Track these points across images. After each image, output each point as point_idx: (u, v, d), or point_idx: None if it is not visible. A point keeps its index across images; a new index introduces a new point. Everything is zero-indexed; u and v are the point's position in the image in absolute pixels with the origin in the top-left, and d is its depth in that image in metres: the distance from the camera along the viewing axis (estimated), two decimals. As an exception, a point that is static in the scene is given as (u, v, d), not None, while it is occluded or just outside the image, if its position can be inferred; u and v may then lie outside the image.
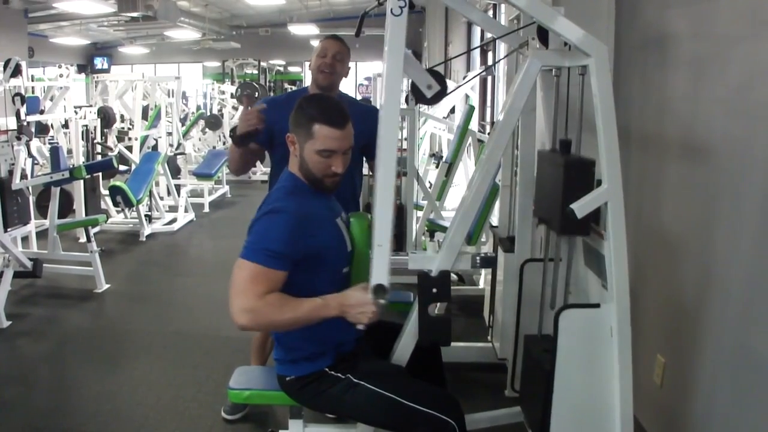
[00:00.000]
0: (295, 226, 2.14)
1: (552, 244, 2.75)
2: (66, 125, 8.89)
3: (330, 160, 2.21)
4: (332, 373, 2.26)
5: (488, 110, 8.87)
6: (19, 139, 5.66)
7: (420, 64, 2.57)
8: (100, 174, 7.53)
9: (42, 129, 9.52)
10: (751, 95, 2.37)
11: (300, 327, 2.15)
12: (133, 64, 22.20)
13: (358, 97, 16.76)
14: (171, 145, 9.86)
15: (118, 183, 7.19)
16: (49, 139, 9.60)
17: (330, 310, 2.12)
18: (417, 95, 2.45)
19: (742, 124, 2.43)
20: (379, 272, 2.15)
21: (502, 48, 5.96)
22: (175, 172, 9.84)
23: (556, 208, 2.39)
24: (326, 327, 2.21)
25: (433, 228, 5.39)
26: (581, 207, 2.20)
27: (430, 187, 6.15)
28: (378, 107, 2.36)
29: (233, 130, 2.97)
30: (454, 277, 5.41)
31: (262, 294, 2.05)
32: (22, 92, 6.14)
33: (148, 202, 7.90)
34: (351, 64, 3.21)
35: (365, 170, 3.41)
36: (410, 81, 2.50)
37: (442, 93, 2.46)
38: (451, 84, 6.34)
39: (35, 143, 7.95)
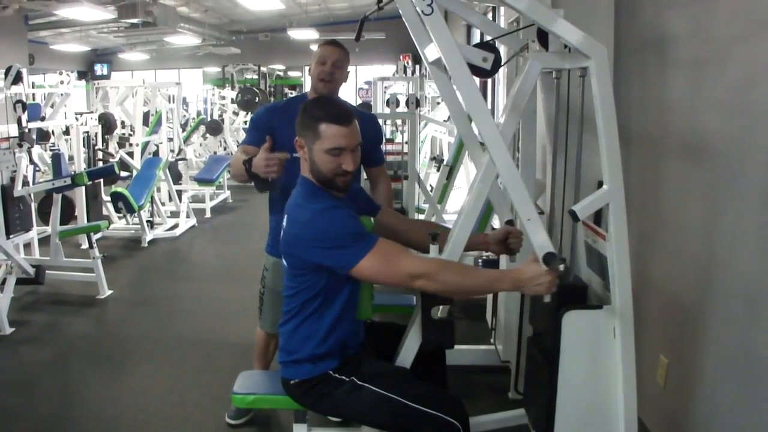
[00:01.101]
0: (350, 214, 2.20)
1: (554, 246, 2.75)
2: (67, 132, 8.90)
3: (339, 158, 2.21)
4: (336, 375, 2.26)
5: (488, 113, 8.85)
6: (20, 146, 5.67)
7: (467, 45, 2.55)
8: (102, 180, 7.53)
9: (43, 136, 9.53)
10: (751, 95, 2.37)
11: (473, 295, 2.16)
12: (133, 70, 22.21)
13: (358, 101, 16.78)
14: (172, 151, 9.87)
15: (119, 189, 7.19)
16: (51, 146, 9.61)
17: (505, 284, 2.17)
18: (478, 72, 2.43)
19: (741, 124, 2.43)
20: (542, 242, 2.15)
21: (501, 50, 5.96)
22: (177, 177, 9.85)
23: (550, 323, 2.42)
24: (330, 330, 2.22)
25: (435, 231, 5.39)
26: (583, 209, 2.20)
27: (431, 190, 6.15)
28: (374, 113, 2.36)
29: (249, 161, 2.81)
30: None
31: (412, 257, 2.12)
32: (23, 99, 6.15)
33: (150, 208, 7.91)
34: (351, 68, 3.21)
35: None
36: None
37: (498, 60, 2.45)
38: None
39: (37, 150, 7.95)
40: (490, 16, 7.53)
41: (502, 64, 2.52)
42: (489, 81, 8.55)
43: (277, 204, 3.03)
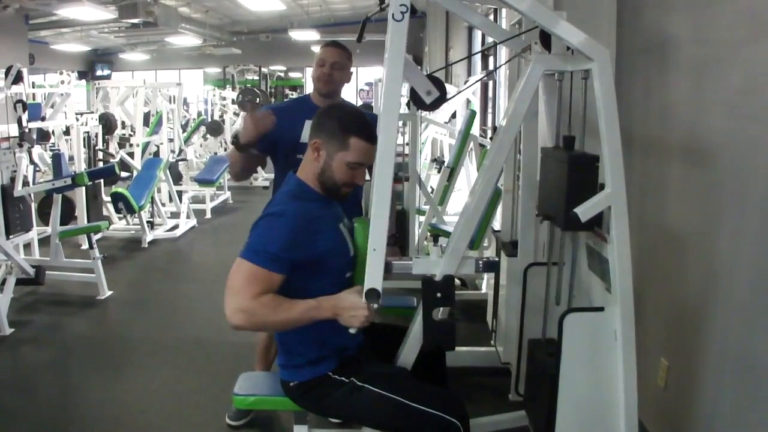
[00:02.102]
0: (297, 229, 2.15)
1: (555, 248, 2.75)
2: (67, 132, 8.89)
3: (356, 171, 2.26)
4: (336, 377, 2.26)
5: (490, 115, 8.87)
6: (20, 146, 5.67)
7: (420, 70, 2.56)
8: (102, 180, 7.54)
9: (43, 136, 9.53)
10: (754, 98, 2.37)
11: (293, 328, 2.17)
12: (134, 70, 22.26)
13: (359, 103, 16.79)
14: (172, 152, 9.87)
15: (120, 189, 7.19)
16: (51, 146, 9.61)
17: (323, 312, 2.14)
18: (416, 101, 2.45)
19: (744, 127, 2.43)
20: (374, 276, 2.16)
21: (503, 52, 5.96)
22: (177, 178, 9.85)
23: (560, 205, 2.39)
24: (329, 331, 2.21)
25: (435, 232, 5.39)
26: (585, 211, 2.20)
27: (432, 192, 6.15)
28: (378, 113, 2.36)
29: (235, 137, 2.96)
30: (457, 281, 5.41)
31: (257, 295, 2.06)
32: (24, 99, 6.15)
33: (150, 209, 7.91)
34: (352, 69, 3.21)
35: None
36: (409, 87, 2.50)
37: (441, 99, 2.46)
38: (452, 89, 6.36)
39: (37, 150, 7.95)
40: (492, 17, 7.53)
41: (502, 64, 2.52)
42: (490, 83, 8.55)
43: None
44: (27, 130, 5.89)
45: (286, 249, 2.12)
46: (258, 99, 13.61)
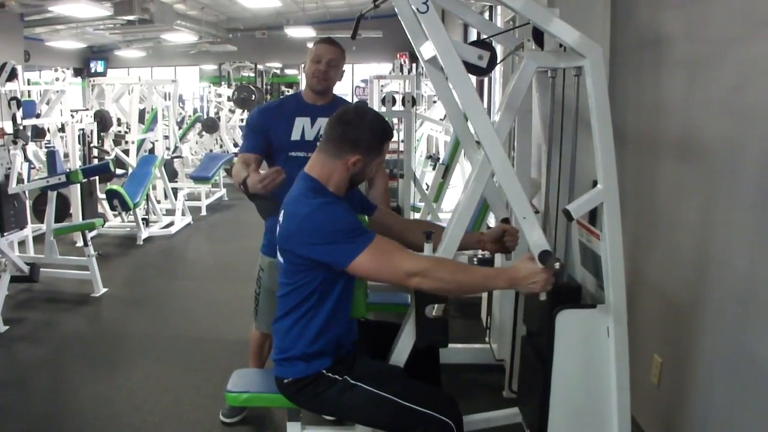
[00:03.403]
0: (344, 208, 2.20)
1: (549, 245, 2.75)
2: (62, 129, 8.88)
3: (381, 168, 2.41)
4: (329, 374, 2.26)
5: (485, 112, 8.86)
6: (15, 143, 5.66)
7: (460, 42, 2.55)
8: (97, 178, 7.52)
9: (38, 133, 9.53)
10: (745, 96, 2.38)
11: (468, 293, 2.17)
12: (129, 67, 22.15)
13: (355, 100, 16.77)
14: (168, 149, 9.86)
15: (115, 187, 7.18)
16: (46, 143, 9.59)
17: (500, 282, 2.18)
18: (474, 70, 2.43)
19: (736, 124, 2.44)
20: (538, 240, 2.15)
21: (497, 49, 5.96)
22: (172, 175, 9.83)
23: (544, 322, 2.42)
24: (324, 328, 2.22)
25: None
26: (577, 208, 2.20)
27: (427, 189, 6.15)
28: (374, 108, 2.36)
29: (245, 183, 2.78)
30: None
31: (408, 254, 2.11)
32: (18, 96, 6.14)
33: (145, 206, 7.89)
34: (347, 66, 3.20)
35: None
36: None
37: (494, 58, 2.45)
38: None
39: (32, 147, 7.96)
40: (486, 15, 7.54)
41: (498, 62, 2.52)
42: (485, 80, 8.55)
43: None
44: (22, 127, 5.88)
45: (356, 218, 2.18)
46: (253, 96, 13.55)
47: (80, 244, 5.74)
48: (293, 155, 3.04)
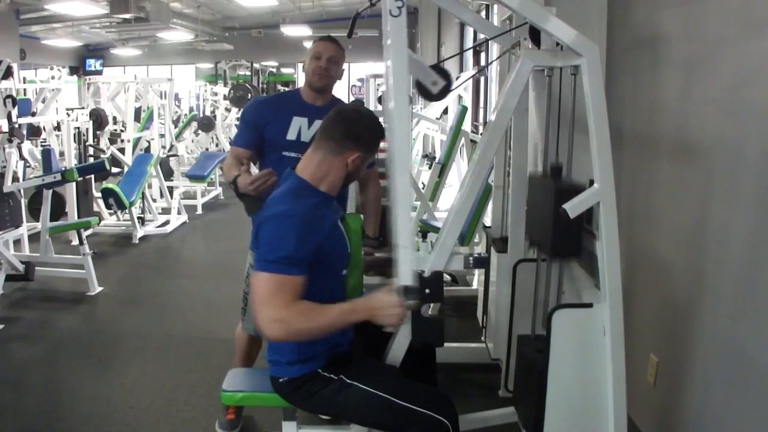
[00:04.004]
0: (304, 228, 2.13)
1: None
2: (58, 127, 8.85)
3: None
4: (325, 374, 2.25)
5: (481, 111, 8.88)
6: (10, 141, 5.64)
7: (423, 62, 2.56)
8: (93, 176, 7.51)
9: (34, 131, 9.49)
10: (742, 95, 2.37)
11: (329, 333, 2.16)
12: (125, 65, 22.11)
13: (351, 98, 16.75)
14: (163, 147, 9.84)
15: (110, 185, 7.17)
16: (41, 142, 9.57)
17: (358, 314, 2.14)
18: (423, 92, 2.44)
19: (733, 123, 2.43)
20: (405, 273, 2.15)
21: (494, 49, 5.96)
22: (168, 174, 9.82)
23: (547, 234, 2.40)
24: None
25: (426, 228, 5.39)
26: (574, 207, 2.20)
27: (422, 188, 6.15)
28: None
29: (235, 182, 2.77)
30: (447, 277, 5.41)
31: (288, 303, 2.05)
32: (14, 94, 6.11)
33: (141, 205, 7.88)
34: (344, 65, 3.18)
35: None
36: (415, 80, 2.49)
37: (447, 88, 2.46)
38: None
39: (27, 146, 7.89)
40: (483, 14, 7.53)
41: (491, 62, 2.52)
42: (481, 79, 8.55)
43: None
44: (17, 126, 5.85)
45: (300, 249, 2.10)
46: (249, 95, 13.52)
47: (76, 242, 5.74)
48: (287, 155, 2.97)
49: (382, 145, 2.30)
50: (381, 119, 2.41)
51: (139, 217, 7.67)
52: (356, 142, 2.25)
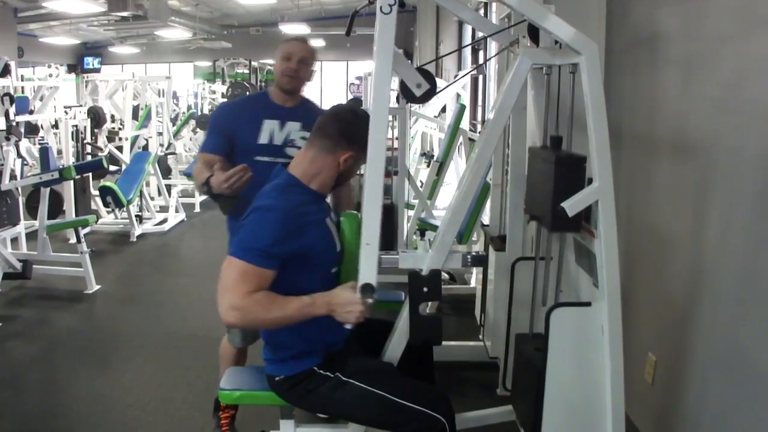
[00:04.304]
0: (286, 224, 2.13)
1: (543, 243, 2.75)
2: (56, 125, 8.86)
3: None
4: (321, 372, 2.25)
5: (479, 109, 8.87)
6: (8, 139, 5.65)
7: (409, 63, 2.55)
8: (90, 174, 7.50)
9: (31, 129, 9.48)
10: (742, 93, 2.37)
11: (287, 325, 2.16)
12: (123, 63, 22.10)
13: (349, 97, 16.74)
14: (161, 145, 9.83)
15: (108, 183, 7.16)
16: (39, 140, 9.56)
17: (317, 309, 2.13)
18: (406, 94, 2.44)
19: (732, 122, 2.43)
20: (367, 271, 2.16)
21: (493, 47, 5.96)
22: (166, 172, 9.81)
23: (547, 205, 2.38)
24: (316, 326, 2.20)
25: (424, 227, 5.38)
26: (572, 205, 2.20)
27: (421, 186, 6.15)
28: (364, 109, 2.35)
29: (207, 183, 2.69)
30: (445, 276, 5.41)
31: (249, 292, 2.05)
32: (11, 92, 6.11)
33: (139, 203, 7.86)
34: (342, 63, 3.15)
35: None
36: (399, 79, 2.49)
37: (431, 92, 2.44)
38: (441, 83, 6.35)
39: (25, 144, 7.92)
40: (482, 12, 7.52)
41: (489, 59, 2.51)
42: (480, 77, 8.54)
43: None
44: (14, 124, 5.85)
45: (276, 244, 2.10)
46: (247, 93, 13.51)
47: (73, 240, 5.73)
48: (259, 159, 2.87)
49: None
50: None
51: (136, 215, 7.66)
52: (350, 141, 2.25)
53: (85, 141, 8.33)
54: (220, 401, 2.60)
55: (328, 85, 20.36)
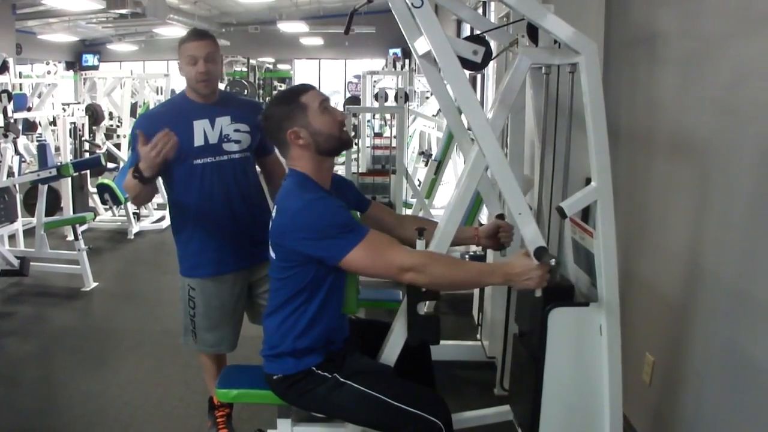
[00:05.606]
0: (334, 201, 2.17)
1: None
2: (54, 122, 8.85)
3: (330, 108, 2.27)
4: (319, 372, 2.24)
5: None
6: (6, 136, 5.64)
7: (458, 38, 2.54)
8: (88, 171, 7.49)
9: (29, 126, 9.48)
10: (740, 93, 2.37)
11: (462, 288, 2.15)
12: (121, 61, 22.08)
13: (347, 95, 16.73)
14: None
15: (106, 181, 7.15)
16: (37, 137, 9.54)
17: (495, 278, 2.17)
18: (467, 65, 2.41)
19: (730, 121, 2.43)
20: (533, 236, 2.14)
21: (492, 46, 5.95)
22: (164, 169, 9.79)
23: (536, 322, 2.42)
24: (314, 324, 2.20)
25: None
26: (571, 205, 2.20)
27: (419, 185, 6.14)
28: (363, 107, 2.33)
29: (137, 170, 2.56)
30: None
31: (403, 249, 2.10)
32: (10, 89, 6.11)
33: (137, 200, 7.84)
34: (340, 62, 3.12)
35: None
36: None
37: (489, 53, 2.44)
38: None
39: (22, 141, 7.91)
40: (480, 11, 7.52)
41: (493, 57, 2.51)
42: (478, 76, 8.54)
43: (180, 222, 2.89)
44: (12, 121, 5.85)
45: (347, 214, 2.15)
46: (246, 91, 13.53)
47: (71, 238, 5.72)
48: (198, 163, 2.78)
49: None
50: (378, 114, 2.39)
51: (134, 213, 7.66)
52: (278, 126, 2.23)
53: (83, 138, 8.31)
54: (217, 400, 2.59)
55: (327, 84, 20.36)
